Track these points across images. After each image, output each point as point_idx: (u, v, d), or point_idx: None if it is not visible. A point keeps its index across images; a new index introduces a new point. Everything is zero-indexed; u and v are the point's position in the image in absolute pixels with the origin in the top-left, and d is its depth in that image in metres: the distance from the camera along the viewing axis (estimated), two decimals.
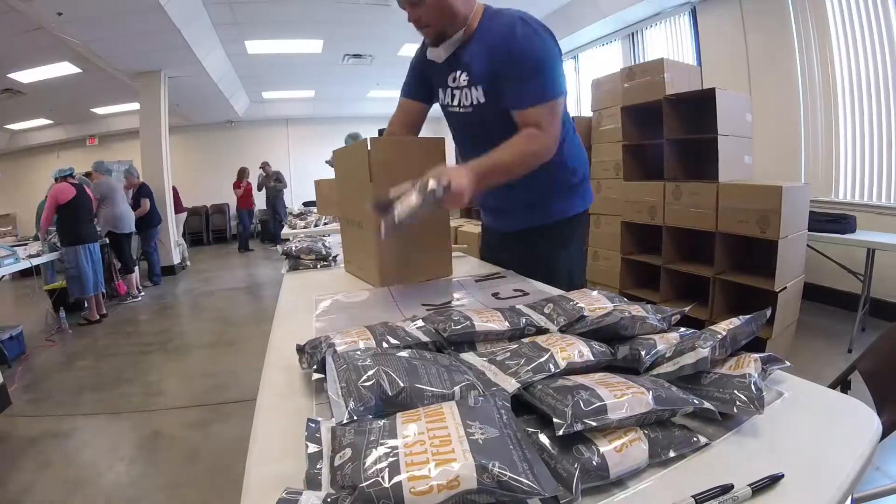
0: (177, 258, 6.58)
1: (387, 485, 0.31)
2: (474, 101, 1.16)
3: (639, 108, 3.17)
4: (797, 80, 3.72)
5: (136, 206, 5.33)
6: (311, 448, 0.41)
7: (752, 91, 3.91)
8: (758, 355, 0.52)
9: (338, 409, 0.45)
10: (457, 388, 0.47)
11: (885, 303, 3.14)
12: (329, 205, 3.58)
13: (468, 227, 3.66)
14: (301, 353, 0.64)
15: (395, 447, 0.35)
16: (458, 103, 1.21)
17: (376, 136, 1.20)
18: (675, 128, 2.92)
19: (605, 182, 3.55)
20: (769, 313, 0.58)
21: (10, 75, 5.65)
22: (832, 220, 2.91)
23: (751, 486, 0.37)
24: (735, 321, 0.56)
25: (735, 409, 0.45)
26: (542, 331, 0.66)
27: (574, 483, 0.36)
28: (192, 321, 4.47)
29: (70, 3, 3.85)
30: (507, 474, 0.32)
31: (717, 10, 4.27)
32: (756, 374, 0.48)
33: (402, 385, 0.46)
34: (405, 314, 0.86)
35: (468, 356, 0.59)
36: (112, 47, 4.94)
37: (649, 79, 3.07)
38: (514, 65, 1.06)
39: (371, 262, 1.15)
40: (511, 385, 0.48)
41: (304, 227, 3.02)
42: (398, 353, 0.53)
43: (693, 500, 0.36)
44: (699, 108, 2.77)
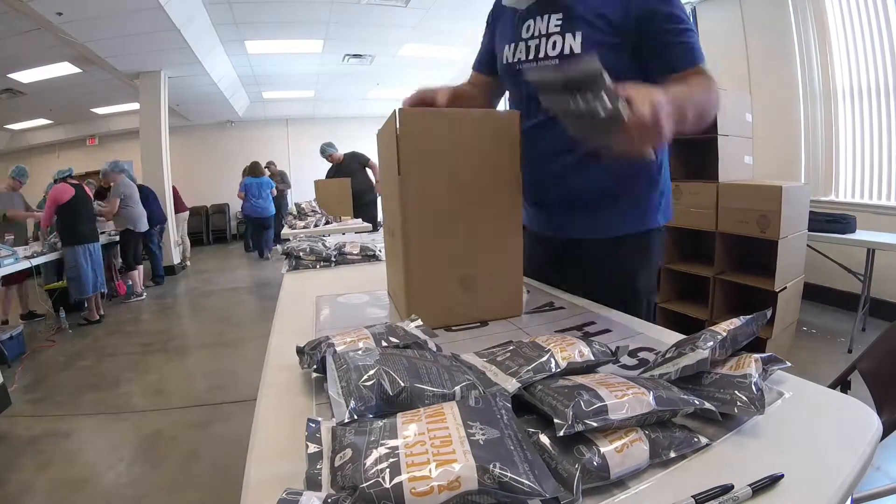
0: (177, 258, 6.57)
1: (387, 485, 0.31)
2: (563, 51, 0.88)
3: None
4: (797, 80, 3.72)
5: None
6: (312, 448, 0.41)
7: (752, 91, 3.91)
8: (758, 356, 0.52)
9: (338, 408, 0.45)
10: (457, 388, 0.47)
11: (885, 303, 3.14)
12: (328, 205, 3.59)
13: None
14: (301, 354, 0.63)
15: (396, 447, 0.35)
16: (534, 56, 0.93)
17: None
18: None
19: None
20: (769, 314, 0.58)
21: (10, 75, 5.65)
22: (832, 220, 2.91)
23: (751, 486, 0.37)
24: (735, 322, 0.55)
25: (736, 410, 0.45)
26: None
27: (575, 483, 0.36)
28: (192, 321, 4.47)
29: (70, 3, 3.84)
30: (508, 475, 0.32)
31: (717, 10, 4.27)
32: (756, 375, 0.48)
33: (402, 385, 0.46)
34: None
35: (468, 356, 0.59)
36: (112, 47, 4.94)
37: None
38: (669, 16, 0.83)
39: (400, 286, 0.84)
40: (512, 385, 0.47)
41: (304, 228, 3.02)
42: (399, 353, 0.53)
43: (693, 500, 0.36)
44: None
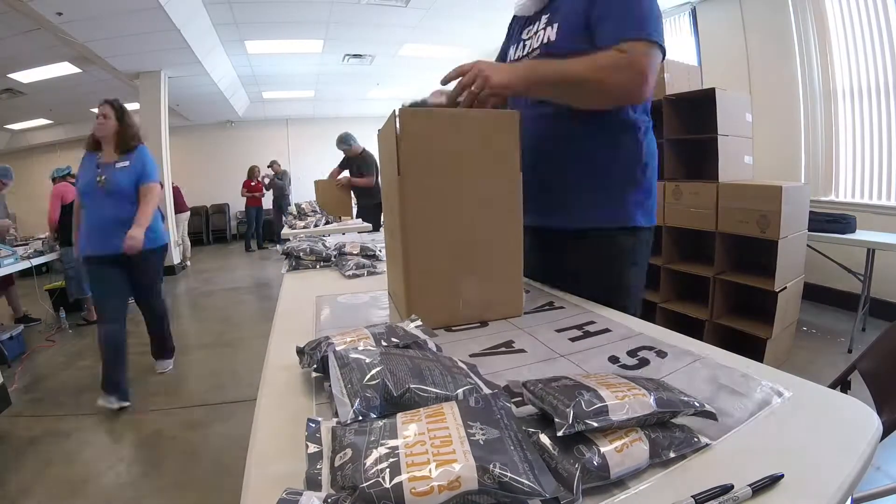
0: (177, 258, 6.57)
1: (387, 485, 0.31)
2: (544, 41, 1.00)
3: None
4: (797, 80, 3.72)
5: None
6: (312, 448, 0.41)
7: (752, 91, 3.91)
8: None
9: (342, 408, 0.45)
10: (460, 391, 0.47)
11: (885, 303, 3.14)
12: (328, 205, 3.59)
13: None
14: (301, 354, 0.63)
15: (396, 447, 0.35)
16: (527, 51, 1.05)
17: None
18: (675, 128, 2.92)
19: None
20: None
21: (10, 75, 5.65)
22: (832, 220, 2.91)
23: (751, 486, 0.37)
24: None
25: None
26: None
27: (575, 483, 0.36)
28: (192, 321, 4.47)
29: (70, 3, 3.84)
30: (508, 475, 0.32)
31: (717, 10, 4.28)
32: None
33: (407, 385, 0.46)
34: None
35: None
36: (112, 47, 4.94)
37: None
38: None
39: (400, 287, 0.85)
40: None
41: (304, 228, 3.02)
42: (401, 353, 0.53)
43: (693, 500, 0.36)
44: (699, 107, 2.77)
